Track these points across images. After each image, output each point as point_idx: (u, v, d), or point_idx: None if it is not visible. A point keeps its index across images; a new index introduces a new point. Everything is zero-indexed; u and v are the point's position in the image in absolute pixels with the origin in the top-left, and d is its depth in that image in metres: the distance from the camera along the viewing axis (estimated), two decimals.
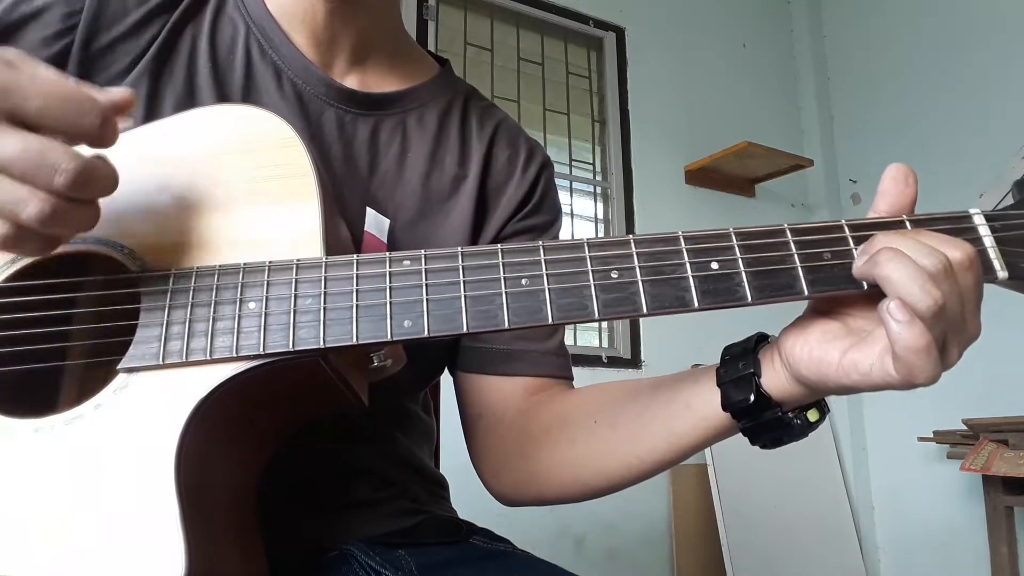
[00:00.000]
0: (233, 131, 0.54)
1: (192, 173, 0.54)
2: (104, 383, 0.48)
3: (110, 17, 0.65)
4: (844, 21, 3.64)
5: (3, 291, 0.51)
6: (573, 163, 3.10)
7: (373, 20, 0.73)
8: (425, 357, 0.73)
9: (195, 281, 0.49)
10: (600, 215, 3.14)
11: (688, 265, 0.47)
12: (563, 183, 3.06)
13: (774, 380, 0.51)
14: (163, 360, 0.47)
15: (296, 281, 0.48)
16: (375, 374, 0.55)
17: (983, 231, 0.48)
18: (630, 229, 3.01)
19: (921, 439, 2.81)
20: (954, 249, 0.44)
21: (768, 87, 3.63)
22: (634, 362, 2.90)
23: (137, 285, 0.50)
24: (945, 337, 0.44)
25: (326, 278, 0.48)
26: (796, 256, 0.47)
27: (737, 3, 3.67)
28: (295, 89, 0.69)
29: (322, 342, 0.47)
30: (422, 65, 0.80)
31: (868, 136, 3.41)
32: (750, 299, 0.47)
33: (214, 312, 0.48)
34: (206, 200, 0.53)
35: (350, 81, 0.72)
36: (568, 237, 0.64)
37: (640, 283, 0.47)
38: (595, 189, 3.16)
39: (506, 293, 0.47)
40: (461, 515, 0.77)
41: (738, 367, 0.53)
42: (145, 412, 0.46)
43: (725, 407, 0.53)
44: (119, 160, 0.55)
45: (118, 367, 0.48)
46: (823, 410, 0.52)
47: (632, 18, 3.28)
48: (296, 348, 0.47)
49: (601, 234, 3.07)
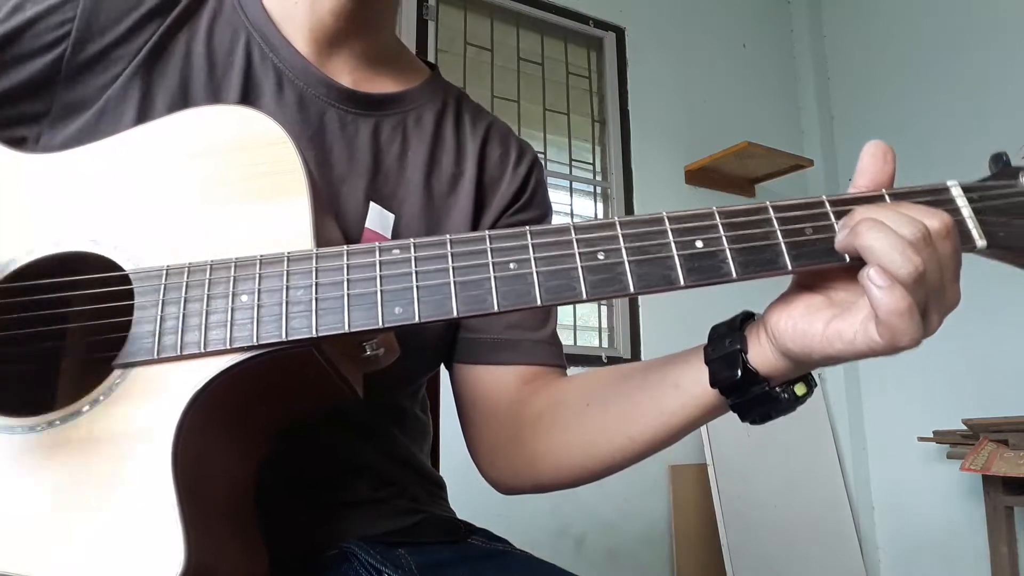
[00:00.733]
0: (224, 131, 0.55)
1: (185, 172, 0.54)
2: (100, 381, 0.48)
3: (102, 24, 0.65)
4: (844, 21, 3.64)
5: (1, 292, 0.51)
6: (573, 163, 3.10)
7: (375, 26, 0.75)
8: (422, 350, 0.73)
9: (188, 277, 0.50)
10: (600, 215, 3.14)
11: (673, 244, 0.48)
12: (563, 183, 3.06)
13: (760, 355, 0.52)
14: (158, 354, 0.47)
15: (287, 273, 0.49)
16: (368, 364, 0.55)
17: (961, 202, 0.50)
18: None
19: (921, 439, 2.81)
20: (932, 218, 0.46)
21: (768, 87, 3.63)
22: (634, 362, 2.89)
23: (131, 283, 0.50)
24: (926, 304, 0.45)
25: (317, 269, 0.49)
26: (779, 232, 0.48)
27: (737, 3, 3.67)
28: (296, 91, 0.70)
29: (314, 331, 0.47)
30: (413, 68, 0.81)
31: (868, 136, 3.32)
32: (735, 275, 0.48)
33: (207, 306, 0.48)
34: (198, 198, 0.53)
35: (349, 82, 0.73)
36: None
37: (626, 263, 0.48)
38: (595, 189, 3.16)
39: (495, 277, 0.48)
40: (460, 515, 0.77)
41: (724, 344, 0.54)
42: (142, 407, 0.47)
43: (713, 384, 0.54)
44: (111, 161, 0.56)
45: (113, 363, 0.48)
46: (810, 384, 0.54)
47: (632, 18, 3.28)
48: (289, 338, 0.47)
49: None
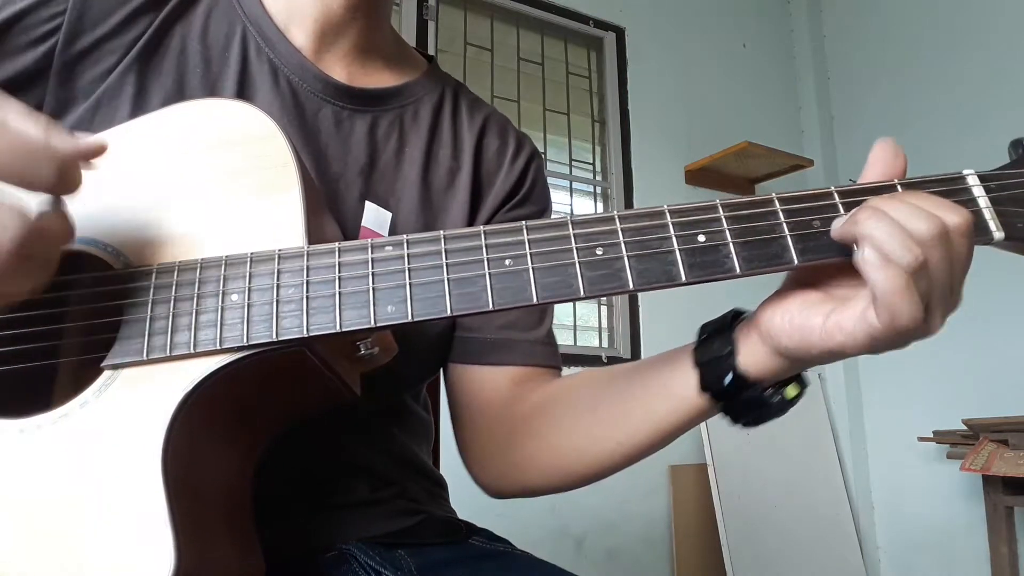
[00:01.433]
0: (214, 125, 0.54)
1: (174, 168, 0.53)
2: (91, 382, 0.48)
3: (94, 17, 0.64)
4: (844, 21, 3.63)
5: None
6: (573, 163, 3.10)
7: (377, 19, 0.74)
8: (422, 349, 0.72)
9: (177, 275, 0.49)
10: None
11: (674, 239, 0.47)
12: (563, 183, 3.06)
13: (752, 356, 0.50)
14: (147, 355, 0.47)
15: (278, 271, 0.48)
16: (365, 364, 0.55)
17: (977, 192, 0.47)
18: None
19: (921, 439, 2.81)
20: (952, 213, 0.43)
21: (768, 87, 3.62)
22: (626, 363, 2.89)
23: (121, 282, 0.50)
24: (930, 299, 0.43)
25: (308, 267, 0.48)
26: (785, 225, 0.47)
27: (737, 3, 3.67)
28: (291, 86, 0.69)
29: (305, 331, 0.46)
30: (411, 61, 0.80)
31: (868, 136, 3.38)
32: (739, 271, 0.46)
33: (197, 305, 0.48)
34: (188, 194, 0.53)
35: (346, 77, 0.72)
36: None
37: (626, 259, 0.46)
38: (595, 189, 3.15)
39: (489, 275, 0.47)
40: (460, 515, 0.77)
41: (714, 347, 0.52)
42: (131, 408, 0.46)
43: (703, 388, 0.53)
44: (102, 157, 0.55)
45: (102, 364, 0.48)
46: (802, 384, 0.52)
47: (632, 18, 3.28)
48: (280, 338, 0.46)
49: None
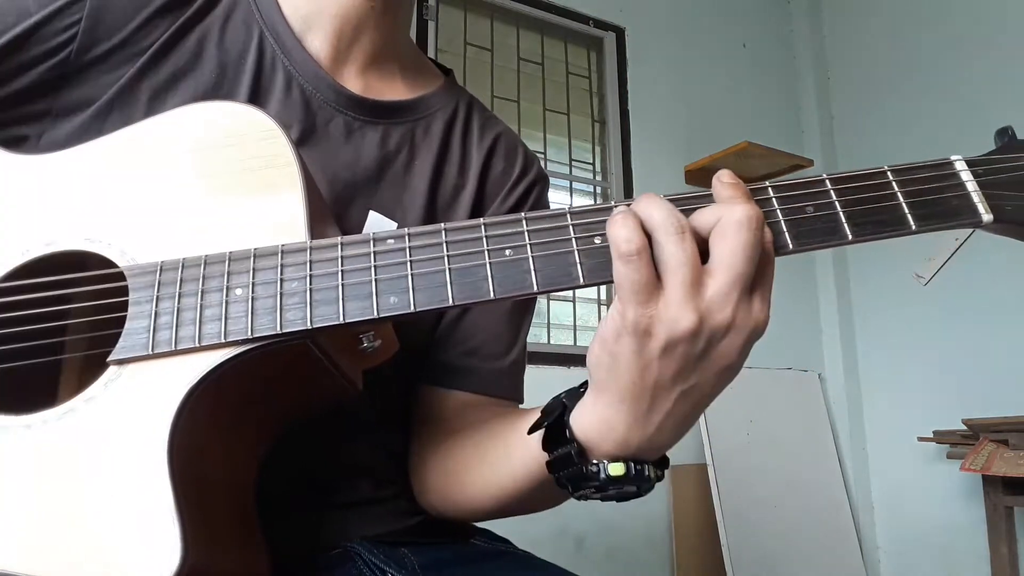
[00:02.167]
0: (219, 126, 0.55)
1: (179, 168, 0.54)
2: (97, 378, 0.48)
3: (109, 26, 0.64)
4: (844, 21, 3.63)
5: None
6: (573, 163, 3.10)
7: (397, 22, 0.74)
8: (424, 348, 0.73)
9: (182, 272, 0.49)
10: None
11: None
12: (563, 183, 3.06)
13: (581, 407, 0.50)
14: (153, 349, 0.47)
15: (282, 266, 0.49)
16: (367, 359, 0.55)
17: (965, 176, 0.49)
18: None
19: (921, 439, 2.81)
20: (734, 207, 0.45)
21: (768, 87, 3.63)
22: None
23: (125, 279, 0.50)
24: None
25: (311, 261, 0.49)
26: (779, 212, 0.48)
27: (737, 3, 3.67)
28: (304, 95, 0.69)
29: (309, 323, 0.47)
30: (427, 74, 0.80)
31: (868, 136, 3.41)
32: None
33: (202, 300, 0.48)
34: (193, 193, 0.53)
35: (360, 88, 0.72)
36: None
37: None
38: (595, 189, 3.16)
39: (490, 264, 0.47)
40: None
41: (551, 403, 0.53)
42: (137, 402, 0.47)
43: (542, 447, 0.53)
44: (104, 160, 0.55)
45: (108, 359, 0.48)
46: (629, 468, 0.49)
47: (632, 18, 3.28)
48: (284, 330, 0.47)
49: None
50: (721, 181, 0.47)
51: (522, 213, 0.49)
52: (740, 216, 0.44)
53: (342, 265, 0.48)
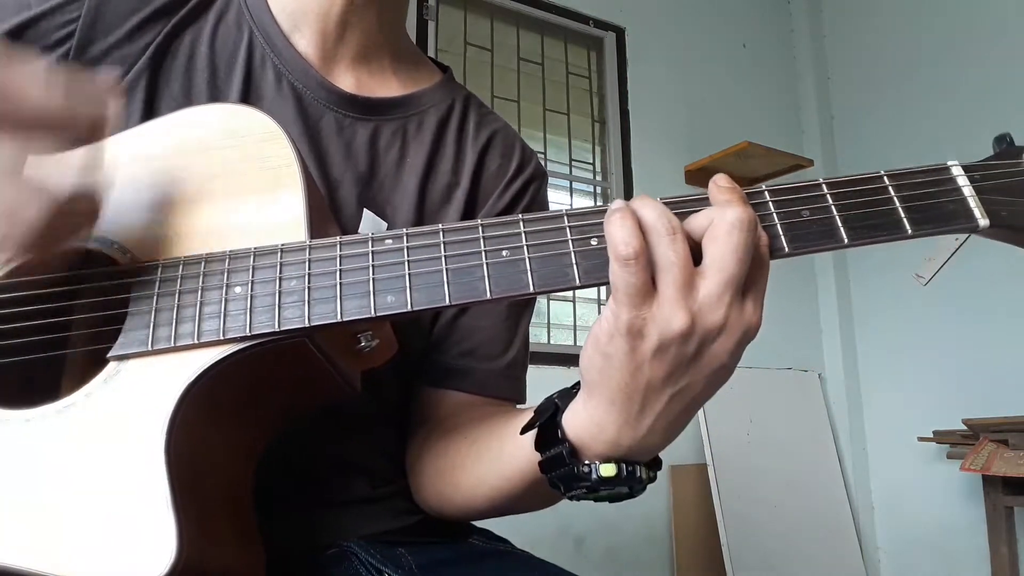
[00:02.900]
0: (219, 127, 0.56)
1: (180, 168, 0.55)
2: (96, 374, 0.49)
3: (107, 24, 0.64)
4: (844, 21, 3.64)
5: None
6: (573, 163, 3.11)
7: (383, 18, 0.74)
8: (422, 349, 0.73)
9: (182, 270, 0.50)
10: None
11: None
12: (563, 183, 3.06)
13: (572, 408, 0.50)
14: (152, 346, 0.48)
15: (281, 264, 0.49)
16: (365, 360, 0.55)
17: (962, 181, 0.49)
18: None
19: (921, 439, 2.81)
20: (728, 210, 0.45)
21: (768, 87, 3.63)
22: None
23: (126, 277, 0.50)
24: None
25: (310, 260, 0.49)
26: (775, 215, 0.49)
27: (737, 3, 3.67)
28: (295, 93, 0.69)
29: (307, 320, 0.47)
30: (423, 71, 0.80)
31: (868, 136, 3.41)
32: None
33: (201, 297, 0.49)
34: (193, 193, 0.54)
35: (351, 85, 0.72)
36: None
37: None
38: (595, 189, 3.16)
39: (487, 264, 0.48)
40: None
41: (543, 403, 0.53)
42: (135, 398, 0.47)
43: (535, 447, 0.53)
44: (111, 158, 0.56)
45: (108, 355, 0.48)
46: (621, 469, 0.49)
47: (632, 18, 3.28)
48: (282, 328, 0.47)
49: None
50: (717, 185, 0.47)
51: (519, 214, 0.49)
52: (732, 218, 0.44)
53: (340, 264, 0.49)
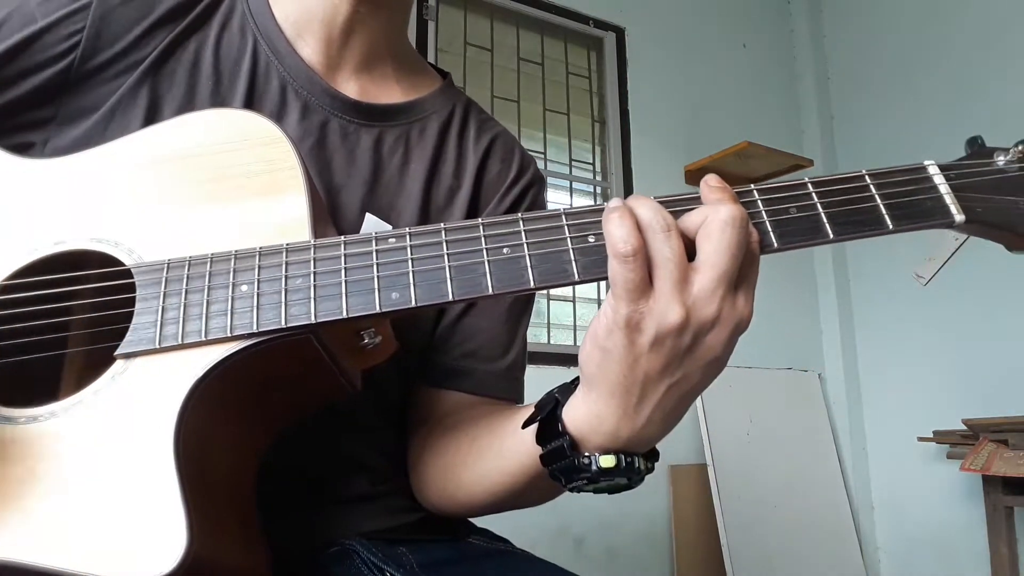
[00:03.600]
0: (223, 132, 0.57)
1: (184, 171, 0.55)
2: (104, 371, 0.49)
3: (113, 33, 0.65)
4: (844, 21, 3.64)
5: (5, 289, 0.52)
6: (573, 163, 3.11)
7: (387, 26, 0.75)
8: (422, 347, 0.73)
9: (189, 269, 0.50)
10: None
11: None
12: (563, 183, 3.06)
13: (573, 402, 0.51)
14: (160, 343, 0.48)
15: (286, 263, 0.50)
16: (368, 357, 0.56)
17: (938, 179, 0.52)
18: None
19: (921, 439, 2.81)
20: (715, 211, 0.47)
21: (768, 87, 3.63)
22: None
23: (133, 277, 0.51)
24: (737, 282, 0.47)
25: (315, 259, 0.50)
26: (764, 213, 0.51)
27: (737, 3, 3.68)
28: (299, 99, 0.70)
29: (313, 317, 0.48)
30: (424, 77, 0.81)
31: (868, 136, 3.42)
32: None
33: (208, 296, 0.49)
34: (198, 196, 0.54)
35: (355, 91, 0.73)
36: None
37: None
38: (595, 189, 3.16)
39: (488, 262, 0.49)
40: None
41: (545, 397, 0.54)
42: (143, 395, 0.47)
43: (535, 440, 0.54)
44: (111, 164, 0.57)
45: (115, 353, 0.49)
46: (620, 461, 0.50)
47: (632, 18, 3.29)
48: (288, 324, 0.48)
49: None
50: (708, 185, 0.49)
51: (519, 214, 0.51)
52: (725, 216, 0.46)
53: (345, 263, 0.50)
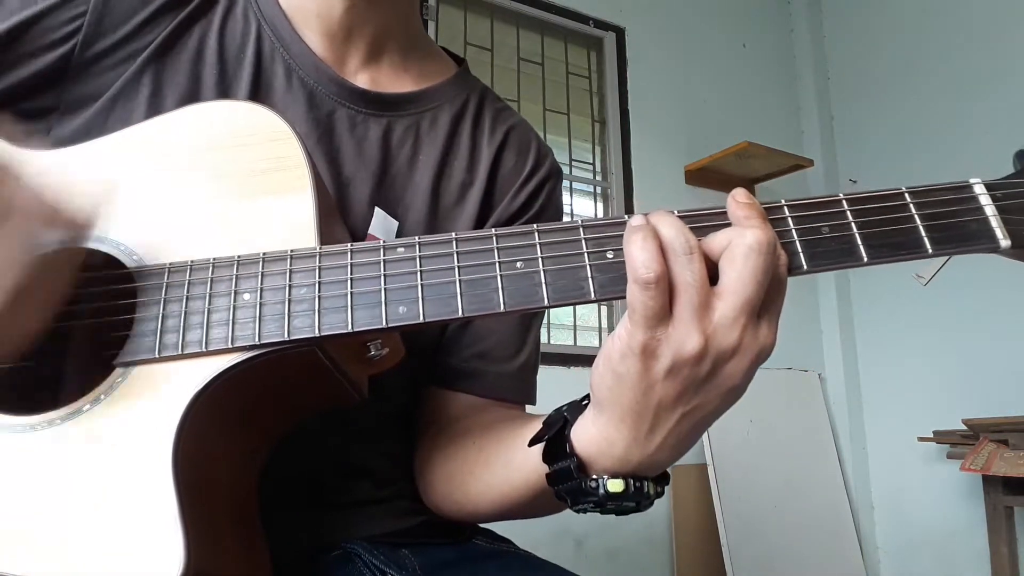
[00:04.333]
0: (229, 126, 0.55)
1: (188, 168, 0.54)
2: (104, 379, 0.48)
3: (114, 20, 0.64)
4: (844, 21, 3.63)
5: None
6: (573, 163, 3.10)
7: (390, 17, 0.73)
8: (429, 352, 0.72)
9: (190, 274, 0.49)
10: (600, 215, 3.13)
11: None
12: (563, 183, 3.05)
13: (582, 423, 0.50)
14: (159, 353, 0.47)
15: (291, 271, 0.48)
16: (374, 366, 0.55)
17: (984, 200, 0.48)
18: None
19: (921, 439, 2.81)
20: (749, 232, 0.44)
21: (768, 87, 3.63)
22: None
23: (133, 280, 0.50)
24: (761, 309, 0.44)
25: (320, 267, 0.48)
26: (794, 231, 0.47)
27: (737, 3, 3.67)
28: (305, 88, 0.68)
29: (317, 331, 0.47)
30: (438, 64, 0.79)
31: (868, 136, 3.41)
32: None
33: (209, 304, 0.48)
34: (202, 194, 0.53)
35: (363, 80, 0.72)
36: None
37: None
38: (595, 189, 3.15)
39: (501, 276, 0.47)
40: None
41: (553, 415, 0.53)
42: (142, 406, 0.46)
43: (543, 459, 0.52)
44: (114, 158, 0.55)
45: (114, 362, 0.48)
46: (628, 485, 0.49)
47: (632, 18, 3.28)
48: (291, 337, 0.47)
49: None
50: (736, 200, 0.46)
51: (535, 225, 0.48)
52: (751, 241, 0.43)
53: (351, 273, 0.48)
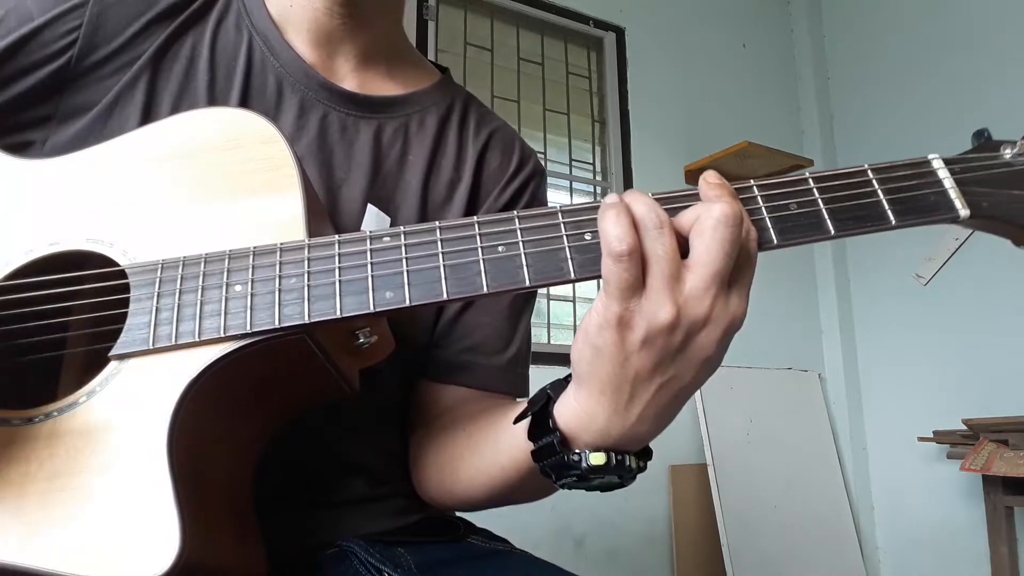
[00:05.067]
0: (219, 131, 0.56)
1: (179, 170, 0.55)
2: (98, 373, 0.49)
3: (109, 31, 0.65)
4: (844, 21, 3.64)
5: (0, 291, 0.52)
6: (573, 163, 3.11)
7: (377, 29, 0.75)
8: (420, 345, 0.73)
9: (182, 269, 0.50)
10: None
11: None
12: (563, 183, 3.06)
13: (564, 399, 0.51)
14: (153, 344, 0.48)
15: (280, 263, 0.50)
16: (364, 357, 0.56)
17: (942, 173, 0.51)
18: None
19: (921, 439, 2.81)
20: (707, 209, 0.46)
21: (768, 87, 3.63)
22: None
23: (127, 277, 0.51)
24: (731, 280, 0.46)
25: (309, 258, 0.50)
26: (764, 209, 0.49)
27: (737, 3, 3.67)
28: (297, 95, 0.70)
29: (307, 317, 0.48)
30: (422, 71, 0.81)
31: (868, 136, 3.41)
32: None
33: (202, 296, 0.49)
34: (193, 195, 0.54)
35: (352, 84, 0.73)
36: None
37: None
38: (595, 189, 3.16)
39: (483, 260, 0.48)
40: (460, 514, 0.77)
41: (538, 393, 0.54)
42: (137, 396, 0.47)
43: (528, 437, 0.54)
44: (106, 164, 0.56)
45: (109, 354, 0.48)
46: (610, 458, 0.50)
47: (632, 18, 3.29)
48: (282, 324, 0.48)
49: None
50: (706, 181, 0.48)
51: (515, 211, 0.50)
52: (718, 214, 0.45)
53: (339, 262, 0.49)
